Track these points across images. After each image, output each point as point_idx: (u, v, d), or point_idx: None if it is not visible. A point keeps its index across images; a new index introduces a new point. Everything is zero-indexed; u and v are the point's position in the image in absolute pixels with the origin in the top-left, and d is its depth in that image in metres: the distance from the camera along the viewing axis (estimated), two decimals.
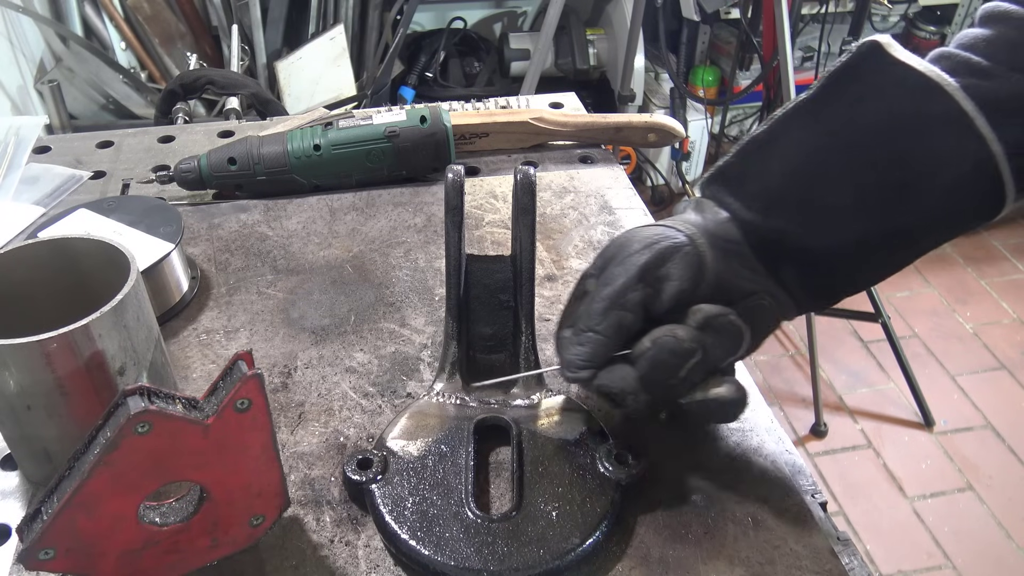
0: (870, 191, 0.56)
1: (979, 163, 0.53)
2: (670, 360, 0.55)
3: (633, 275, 0.56)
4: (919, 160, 0.54)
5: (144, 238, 0.74)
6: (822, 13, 2.55)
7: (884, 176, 0.55)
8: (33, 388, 0.53)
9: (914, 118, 0.54)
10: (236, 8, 2.17)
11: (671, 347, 0.54)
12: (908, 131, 0.54)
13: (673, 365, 0.55)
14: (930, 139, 0.54)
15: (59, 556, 0.47)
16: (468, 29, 2.68)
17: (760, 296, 0.58)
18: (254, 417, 0.49)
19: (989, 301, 2.61)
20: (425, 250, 0.84)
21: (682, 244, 0.57)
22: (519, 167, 0.63)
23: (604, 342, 0.56)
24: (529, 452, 0.59)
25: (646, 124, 0.97)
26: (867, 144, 0.55)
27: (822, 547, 0.56)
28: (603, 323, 0.56)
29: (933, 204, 0.55)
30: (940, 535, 1.95)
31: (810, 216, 0.57)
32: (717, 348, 0.56)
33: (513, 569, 0.52)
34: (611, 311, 0.56)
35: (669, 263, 0.57)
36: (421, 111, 0.91)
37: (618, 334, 0.56)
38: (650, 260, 0.56)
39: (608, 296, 0.56)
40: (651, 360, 0.55)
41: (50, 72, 1.91)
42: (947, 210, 0.56)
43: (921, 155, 0.54)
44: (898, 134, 0.55)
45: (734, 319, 0.56)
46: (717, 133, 3.01)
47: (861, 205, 0.56)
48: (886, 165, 0.55)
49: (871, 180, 0.55)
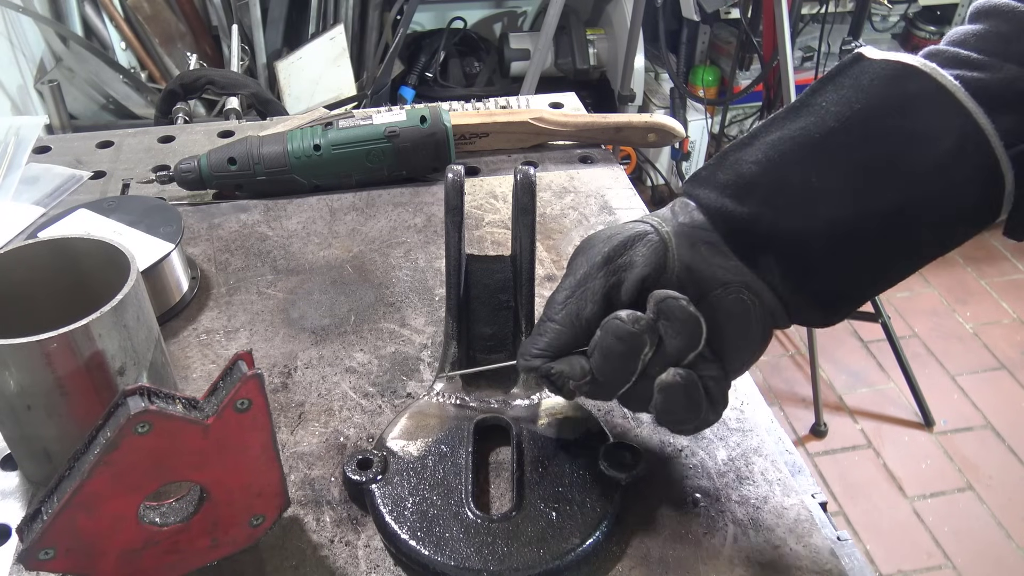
0: (848, 170, 0.52)
1: (965, 137, 0.50)
2: (617, 346, 0.52)
3: (595, 263, 0.55)
4: (899, 136, 0.51)
5: (144, 238, 0.74)
6: (822, 13, 2.55)
7: (863, 154, 0.52)
8: (33, 388, 0.53)
9: (892, 98, 0.52)
10: (236, 8, 2.17)
11: (615, 331, 0.52)
12: (886, 110, 0.52)
13: (622, 354, 0.52)
14: (910, 116, 0.51)
15: (59, 556, 0.47)
16: (468, 29, 2.67)
17: (734, 287, 0.54)
18: (254, 417, 0.49)
19: (989, 301, 2.61)
20: (425, 250, 0.84)
21: (645, 232, 0.55)
22: (519, 167, 0.63)
23: (560, 332, 0.54)
24: (529, 452, 0.59)
25: (646, 124, 0.97)
26: (844, 128, 0.52)
27: (822, 547, 0.56)
28: (560, 312, 0.55)
29: (919, 184, 0.51)
30: (940, 535, 1.95)
31: (783, 198, 0.53)
32: (672, 338, 0.52)
33: (513, 569, 0.52)
34: (570, 300, 0.55)
35: (631, 251, 0.55)
36: (421, 111, 0.91)
37: (574, 324, 0.54)
38: (612, 249, 0.55)
39: (569, 286, 0.55)
40: (601, 348, 0.52)
41: (50, 72, 1.91)
42: (937, 192, 0.51)
43: (901, 131, 0.51)
44: (876, 113, 0.52)
45: (685, 304, 0.52)
46: (717, 133, 3.01)
47: (838, 185, 0.52)
48: (864, 143, 0.52)
49: (848, 159, 0.52)
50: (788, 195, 0.53)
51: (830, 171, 0.53)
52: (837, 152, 0.52)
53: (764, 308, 0.55)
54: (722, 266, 0.55)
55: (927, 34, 3.00)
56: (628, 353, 0.52)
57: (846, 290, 0.55)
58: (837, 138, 0.52)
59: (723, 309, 0.54)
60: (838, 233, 0.53)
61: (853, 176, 0.52)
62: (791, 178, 0.53)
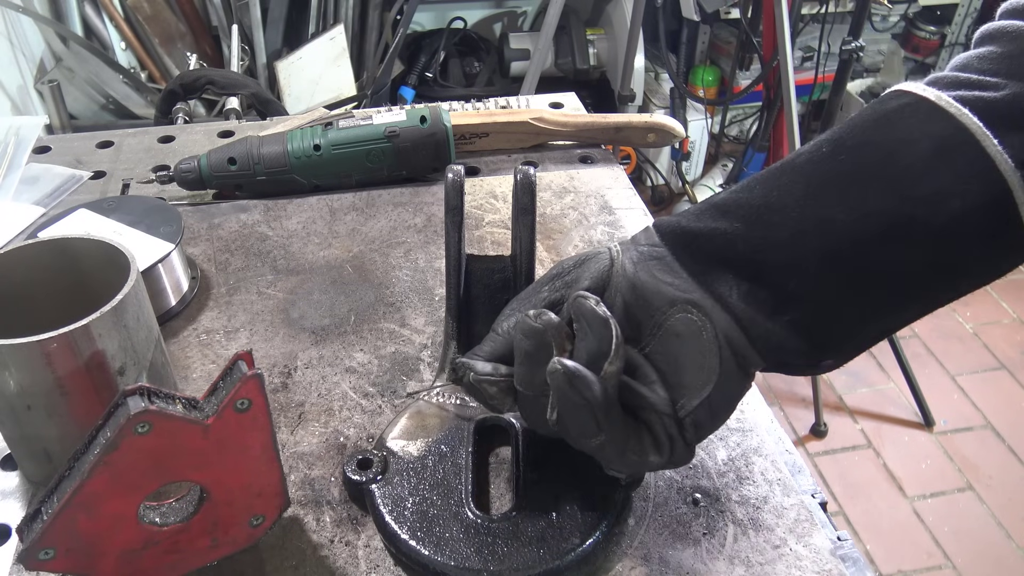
0: (812, 182, 0.48)
1: (945, 138, 0.46)
2: (524, 344, 0.50)
3: (543, 279, 0.56)
4: (873, 147, 0.47)
5: (144, 238, 0.74)
6: (822, 13, 2.55)
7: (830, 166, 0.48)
8: (33, 388, 0.53)
9: (871, 117, 0.49)
10: (236, 8, 2.17)
11: (520, 327, 0.50)
12: (863, 126, 0.49)
13: (530, 353, 0.50)
14: (886, 128, 0.48)
15: (59, 556, 0.47)
16: (468, 29, 2.68)
17: (683, 306, 0.50)
18: (254, 417, 0.49)
19: (989, 301, 2.61)
20: (425, 250, 0.84)
21: (598, 252, 0.55)
22: (519, 167, 0.63)
23: (499, 341, 0.55)
24: (529, 452, 0.59)
25: (646, 124, 0.97)
26: (814, 148, 0.49)
27: (822, 547, 0.56)
28: (502, 323, 0.56)
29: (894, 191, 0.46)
30: (940, 535, 1.95)
31: (741, 212, 0.49)
32: (580, 340, 0.49)
33: (513, 569, 0.52)
34: (513, 312, 0.56)
35: (579, 269, 0.55)
36: (421, 111, 0.91)
37: (513, 333, 0.53)
38: (561, 268, 0.56)
39: (518, 300, 0.57)
40: (516, 351, 0.51)
41: (50, 72, 1.91)
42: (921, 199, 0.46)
43: (875, 142, 0.47)
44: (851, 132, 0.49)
45: (593, 304, 0.49)
46: (717, 133, 3.01)
47: (800, 197, 0.48)
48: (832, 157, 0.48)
49: (813, 172, 0.48)
50: (746, 208, 0.49)
51: (793, 184, 0.49)
52: (803, 167, 0.49)
53: (717, 330, 0.49)
54: (670, 283, 0.51)
55: (927, 34, 3.00)
56: (535, 354, 0.49)
57: (827, 325, 0.49)
58: (805, 156, 0.49)
59: (669, 330, 0.50)
60: (804, 247, 0.47)
61: (819, 187, 0.48)
62: (752, 195, 0.50)
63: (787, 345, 0.49)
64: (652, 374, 0.51)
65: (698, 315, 0.49)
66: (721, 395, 0.50)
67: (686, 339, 0.50)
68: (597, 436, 0.49)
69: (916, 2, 2.92)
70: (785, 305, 0.48)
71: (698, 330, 0.49)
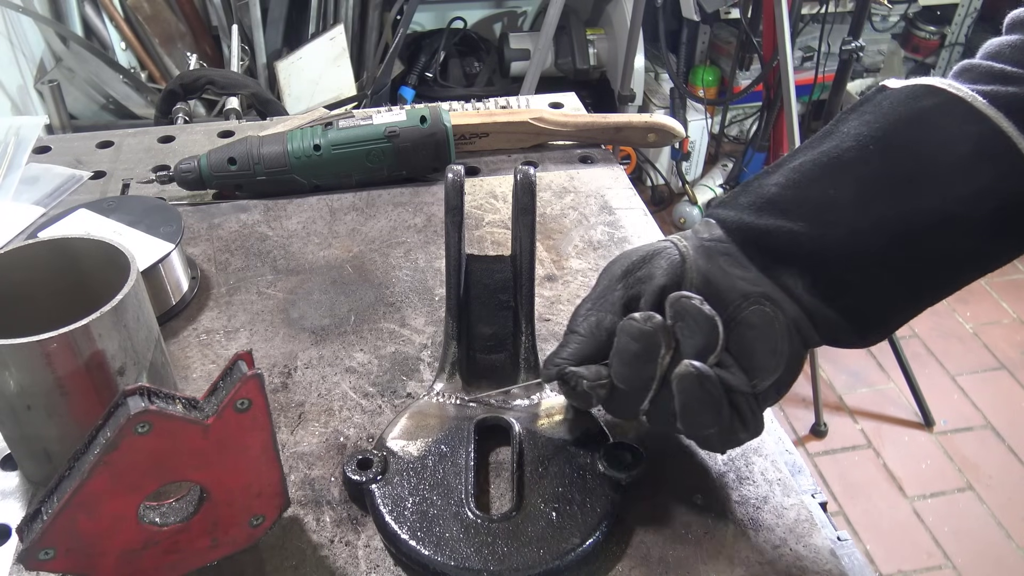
0: (864, 181, 0.52)
1: (983, 141, 0.50)
2: (631, 347, 0.52)
3: (615, 276, 0.57)
4: (916, 147, 0.52)
5: (144, 238, 0.74)
6: (822, 13, 2.55)
7: (879, 165, 0.52)
8: (33, 388, 0.53)
9: (908, 114, 0.52)
10: (236, 8, 2.17)
11: (628, 331, 0.52)
12: (902, 124, 0.52)
13: (638, 355, 0.52)
14: (926, 127, 0.51)
15: (59, 556, 0.47)
16: (468, 29, 2.68)
17: (756, 299, 0.54)
18: (254, 417, 0.49)
19: (989, 301, 2.61)
20: (425, 250, 0.84)
21: (665, 247, 0.57)
22: (519, 167, 0.63)
23: (583, 341, 0.56)
24: (529, 452, 0.59)
25: (646, 124, 0.97)
26: (860, 145, 0.53)
27: (822, 547, 0.56)
28: (583, 324, 0.56)
29: (939, 191, 0.51)
30: (940, 535, 1.95)
31: (802, 210, 0.54)
32: (687, 338, 0.52)
33: (513, 569, 0.52)
34: (592, 312, 0.56)
35: (650, 264, 0.56)
36: (421, 111, 0.91)
37: (595, 335, 0.55)
38: (631, 263, 0.57)
39: (591, 298, 0.57)
40: (617, 351, 0.53)
41: (50, 72, 1.91)
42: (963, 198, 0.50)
43: (917, 142, 0.52)
44: (892, 129, 0.53)
45: (698, 302, 0.52)
46: (717, 133, 3.01)
47: (855, 195, 0.52)
48: (880, 156, 0.52)
49: (865, 171, 0.52)
50: (806, 207, 0.53)
51: (847, 183, 0.53)
52: (853, 166, 0.53)
53: (787, 319, 0.53)
54: (741, 277, 0.55)
55: (927, 34, 3.00)
56: (643, 354, 0.52)
57: (880, 309, 0.54)
58: (853, 154, 0.53)
59: (744, 321, 0.53)
60: (861, 244, 0.52)
61: (870, 186, 0.52)
62: (810, 193, 0.54)
63: (841, 326, 0.54)
64: (729, 359, 0.54)
65: (771, 307, 0.53)
66: (788, 374, 0.54)
67: (759, 328, 0.53)
68: (714, 426, 0.53)
69: (916, 2, 2.92)
70: (842, 293, 0.53)
71: (771, 320, 0.53)
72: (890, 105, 0.53)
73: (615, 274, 0.57)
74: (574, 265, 0.82)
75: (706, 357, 0.52)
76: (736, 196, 0.57)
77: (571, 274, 0.80)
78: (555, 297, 0.78)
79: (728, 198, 0.58)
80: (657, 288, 0.55)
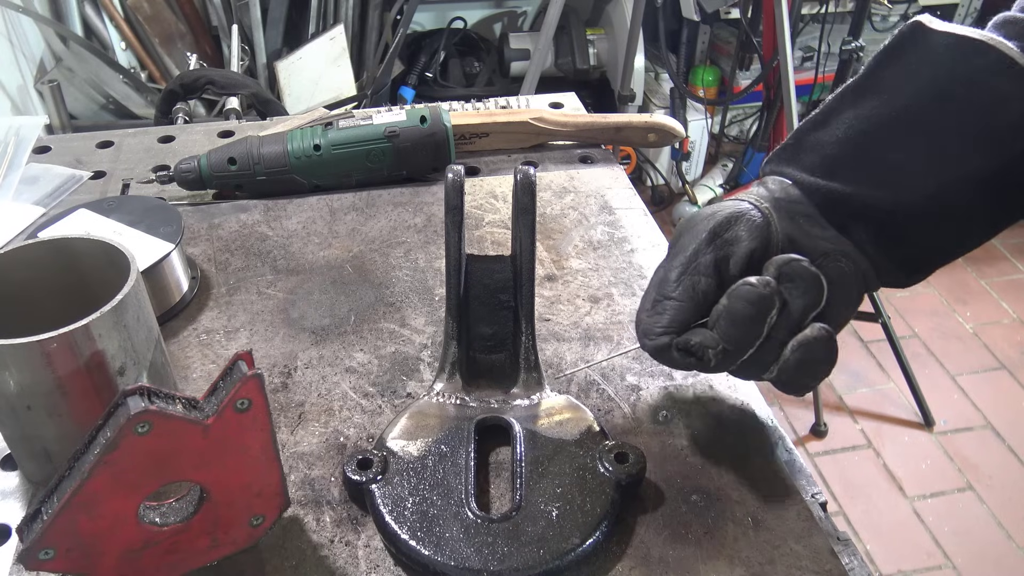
0: (926, 144, 0.56)
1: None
2: (747, 310, 0.54)
3: (703, 239, 0.57)
4: (971, 108, 0.55)
5: (144, 238, 0.74)
6: (822, 13, 2.55)
7: (938, 128, 0.55)
8: (33, 388, 0.53)
9: (961, 73, 0.55)
10: (236, 8, 2.17)
11: (745, 295, 0.54)
12: (957, 84, 0.55)
13: (752, 317, 0.54)
14: (980, 88, 0.54)
15: (59, 556, 0.47)
16: (468, 29, 2.68)
17: (835, 256, 0.58)
18: (254, 417, 0.49)
19: (989, 301, 2.61)
20: (425, 250, 0.84)
21: (747, 209, 0.58)
22: (519, 167, 0.63)
23: (680, 307, 0.56)
24: (529, 452, 0.59)
25: (646, 124, 0.97)
26: (917, 105, 0.56)
27: (822, 547, 0.56)
28: (677, 289, 0.56)
29: (994, 152, 0.55)
30: (940, 535, 1.95)
31: (871, 174, 0.57)
32: (797, 299, 0.55)
33: (513, 569, 0.52)
34: (684, 276, 0.56)
35: (736, 226, 0.57)
36: (421, 111, 0.91)
37: (693, 298, 0.56)
38: (717, 224, 0.57)
39: (681, 263, 0.57)
40: (729, 314, 0.54)
41: (50, 72, 1.91)
42: (1017, 156, 0.54)
43: (972, 103, 0.54)
44: (947, 88, 0.55)
45: (807, 264, 0.55)
46: (717, 133, 3.01)
47: (919, 159, 0.56)
48: (938, 118, 0.55)
49: (924, 133, 0.56)
50: (874, 171, 0.57)
51: (909, 147, 0.57)
52: (912, 128, 0.56)
53: (859, 272, 0.59)
54: (821, 236, 0.58)
55: None
56: (757, 316, 0.54)
57: (930, 255, 0.60)
58: (910, 115, 0.56)
59: (826, 276, 0.56)
60: (923, 204, 0.57)
61: (931, 149, 0.56)
62: (874, 155, 0.57)
63: (893, 272, 0.60)
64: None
65: (847, 263, 0.58)
66: (853, 314, 0.60)
67: (837, 283, 0.57)
68: (822, 377, 0.57)
69: (916, 2, 2.92)
70: (902, 247, 0.59)
71: (848, 276, 0.58)
72: (938, 59, 0.55)
73: (700, 237, 0.57)
74: (574, 265, 0.82)
75: (809, 314, 0.56)
76: (796, 153, 0.60)
77: (571, 274, 0.80)
78: (555, 297, 0.78)
79: (788, 155, 0.61)
80: (747, 251, 0.57)
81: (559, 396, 0.64)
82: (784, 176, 0.61)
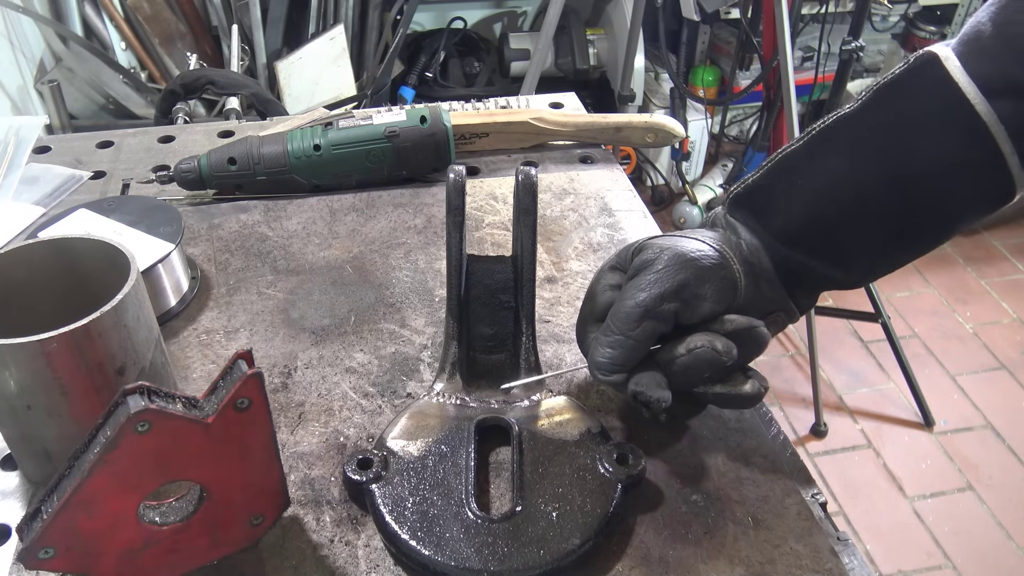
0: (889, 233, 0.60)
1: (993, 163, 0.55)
2: (704, 368, 0.58)
3: (670, 289, 0.58)
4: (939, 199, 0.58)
5: (144, 238, 0.74)
6: (822, 13, 2.55)
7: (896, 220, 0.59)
8: (33, 388, 0.53)
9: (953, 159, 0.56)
10: (236, 8, 2.17)
11: (708, 358, 0.57)
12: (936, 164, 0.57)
13: (704, 371, 0.58)
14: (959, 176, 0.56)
15: (59, 555, 0.47)
16: (468, 29, 2.68)
17: (777, 313, 0.63)
18: (254, 416, 0.49)
19: (989, 301, 2.61)
20: (425, 251, 0.84)
21: (719, 267, 0.60)
22: (520, 168, 0.63)
23: (636, 347, 0.58)
24: (529, 452, 0.59)
25: (646, 124, 0.97)
26: (898, 183, 0.57)
27: (822, 547, 0.56)
28: (636, 330, 0.58)
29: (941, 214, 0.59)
30: (940, 535, 1.95)
31: (830, 256, 0.61)
32: (744, 355, 0.59)
33: (513, 569, 0.52)
34: (646, 320, 0.58)
35: (706, 284, 0.59)
36: (421, 111, 0.91)
37: (649, 342, 0.59)
38: (688, 278, 0.58)
39: (644, 304, 0.58)
40: (685, 367, 0.58)
41: (50, 72, 1.91)
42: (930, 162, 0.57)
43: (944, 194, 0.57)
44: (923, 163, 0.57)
45: (764, 330, 0.60)
46: (717, 133, 3.01)
47: (878, 246, 0.60)
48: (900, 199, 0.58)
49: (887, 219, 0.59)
50: (833, 255, 0.61)
51: (870, 232, 0.60)
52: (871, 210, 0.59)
53: (791, 319, 0.64)
54: (770, 298, 0.62)
55: (927, 34, 2.99)
56: (707, 369, 0.58)
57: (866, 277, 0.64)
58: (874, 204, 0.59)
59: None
60: (882, 271, 0.62)
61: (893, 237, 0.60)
62: (838, 236, 0.60)
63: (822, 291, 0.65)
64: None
65: (784, 317, 0.64)
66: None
67: (770, 328, 0.62)
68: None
69: (916, 2, 2.92)
70: (837, 284, 0.62)
71: (780, 324, 0.64)
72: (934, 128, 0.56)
73: (667, 288, 0.58)
74: (574, 267, 0.81)
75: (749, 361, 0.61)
76: (767, 210, 0.62)
77: (571, 276, 0.80)
78: (555, 299, 0.78)
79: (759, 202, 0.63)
80: (710, 312, 0.59)
81: (559, 397, 0.64)
82: (753, 231, 0.62)
